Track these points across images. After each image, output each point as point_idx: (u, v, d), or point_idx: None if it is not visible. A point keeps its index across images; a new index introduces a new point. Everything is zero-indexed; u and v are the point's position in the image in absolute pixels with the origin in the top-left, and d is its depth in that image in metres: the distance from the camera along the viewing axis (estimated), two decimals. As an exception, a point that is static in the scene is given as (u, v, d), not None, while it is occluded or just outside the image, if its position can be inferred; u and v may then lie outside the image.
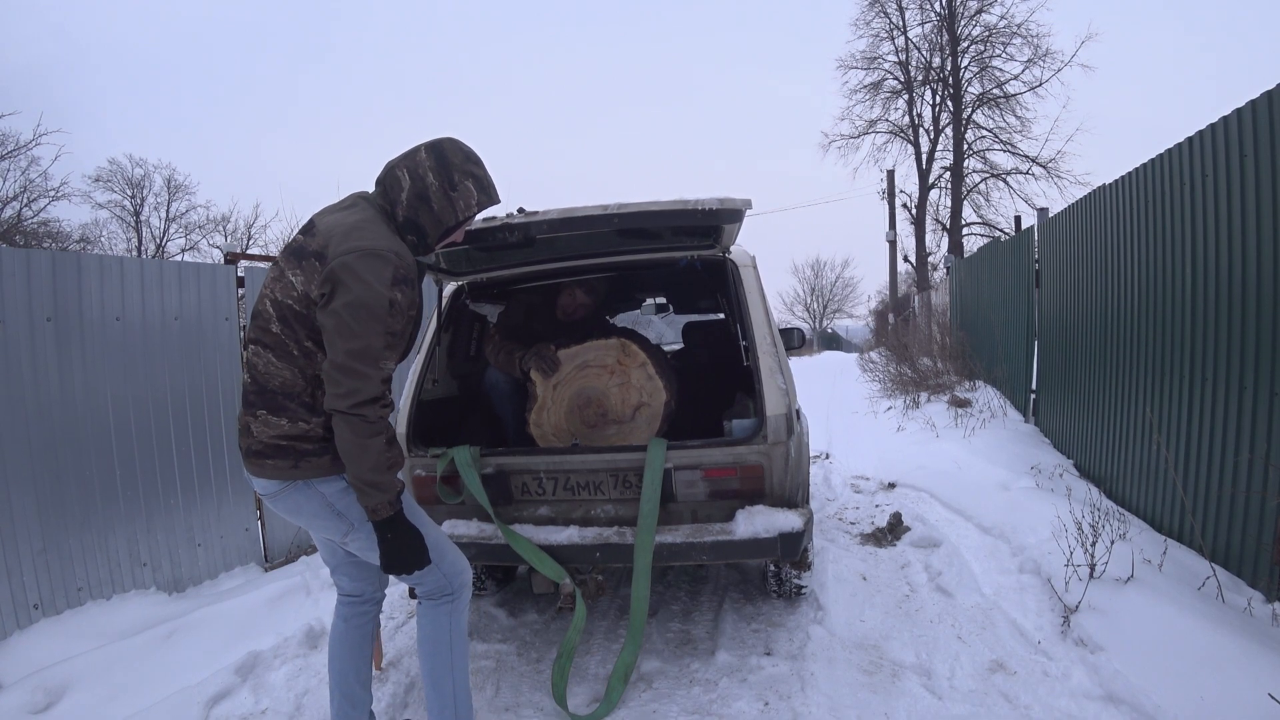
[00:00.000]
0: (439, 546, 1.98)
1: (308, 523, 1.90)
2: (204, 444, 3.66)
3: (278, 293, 1.79)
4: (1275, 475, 2.50)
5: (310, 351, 1.78)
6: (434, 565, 1.93)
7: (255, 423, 1.80)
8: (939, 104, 21.53)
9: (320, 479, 1.80)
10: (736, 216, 2.17)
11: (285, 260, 1.82)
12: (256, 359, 1.81)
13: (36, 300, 2.95)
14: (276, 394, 1.78)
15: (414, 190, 1.82)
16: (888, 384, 9.87)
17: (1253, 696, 1.96)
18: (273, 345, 1.79)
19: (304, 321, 1.76)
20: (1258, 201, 2.60)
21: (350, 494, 1.81)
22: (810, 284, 50.12)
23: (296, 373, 1.78)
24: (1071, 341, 4.82)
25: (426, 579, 1.95)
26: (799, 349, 3.76)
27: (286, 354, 1.78)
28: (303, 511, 1.85)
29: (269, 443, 1.79)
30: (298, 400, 1.78)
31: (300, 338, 1.77)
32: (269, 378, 1.79)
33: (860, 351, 19.90)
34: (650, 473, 2.47)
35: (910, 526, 4.00)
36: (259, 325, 1.81)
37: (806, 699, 2.32)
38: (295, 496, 1.82)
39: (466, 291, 3.19)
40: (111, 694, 2.53)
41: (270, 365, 1.79)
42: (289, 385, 1.78)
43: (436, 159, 1.83)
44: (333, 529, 1.87)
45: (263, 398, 1.79)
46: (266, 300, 1.81)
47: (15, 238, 17.36)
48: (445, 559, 1.99)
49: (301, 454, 1.78)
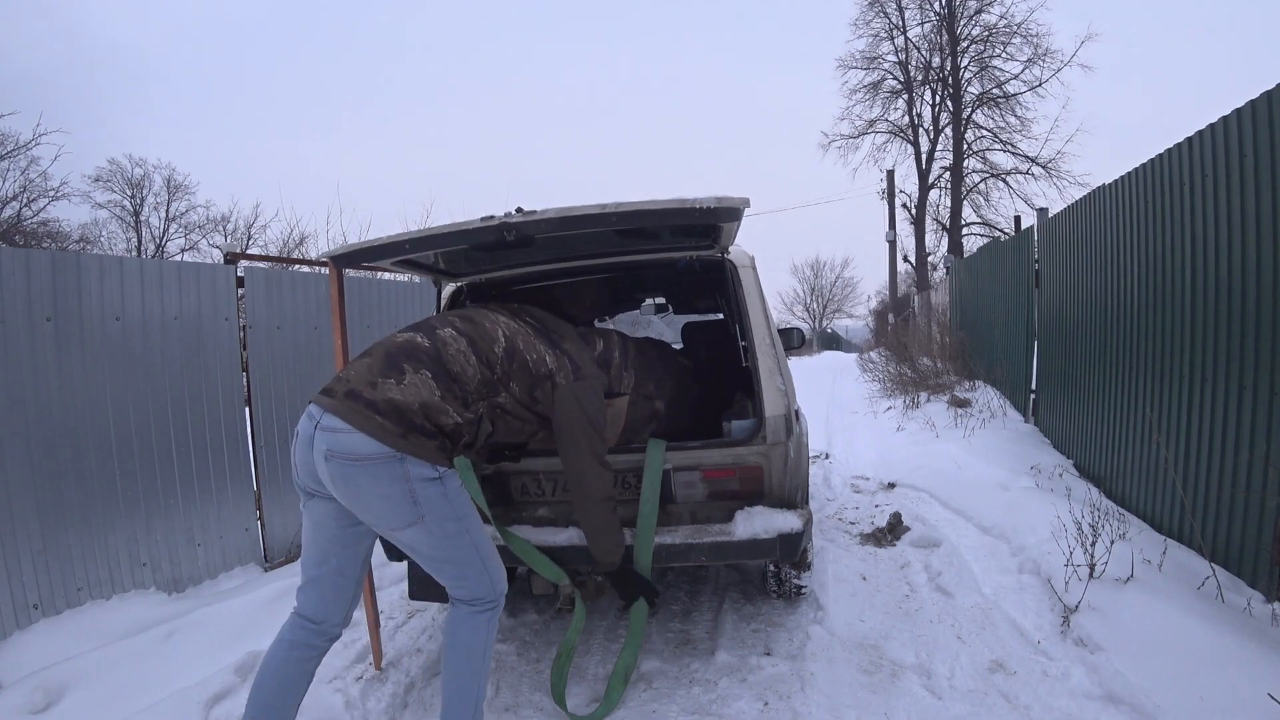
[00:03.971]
0: (489, 551, 1.98)
1: (372, 502, 1.81)
2: (204, 444, 3.66)
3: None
4: (1275, 475, 2.50)
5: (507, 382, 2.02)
6: (483, 566, 1.94)
7: (401, 379, 1.84)
8: (939, 104, 21.53)
9: (415, 460, 1.80)
10: (735, 215, 2.16)
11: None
12: (452, 341, 1.97)
13: (36, 300, 2.95)
14: (450, 375, 1.91)
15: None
16: (887, 384, 9.87)
17: (1253, 696, 1.96)
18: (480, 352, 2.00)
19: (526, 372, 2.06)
20: (1257, 201, 2.60)
21: (433, 486, 1.83)
22: (810, 284, 50.16)
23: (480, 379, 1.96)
24: (1071, 341, 4.82)
25: (473, 583, 1.94)
26: (798, 349, 3.76)
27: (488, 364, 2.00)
28: (376, 487, 1.78)
29: (396, 402, 1.81)
30: (462, 391, 1.91)
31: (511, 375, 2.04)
32: (452, 361, 1.93)
33: (860, 351, 19.89)
34: (650, 474, 2.47)
35: (910, 526, 3.99)
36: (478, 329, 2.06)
37: (806, 699, 2.32)
38: (380, 469, 1.77)
39: (465, 292, 3.19)
40: (111, 694, 2.52)
41: (461, 355, 1.95)
42: (465, 378, 1.93)
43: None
44: (396, 515, 1.81)
45: (435, 366, 1.90)
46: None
47: (15, 238, 17.34)
48: (492, 563, 1.98)
49: (415, 428, 1.81)
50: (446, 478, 1.88)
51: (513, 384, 2.02)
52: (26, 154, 17.66)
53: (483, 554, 1.95)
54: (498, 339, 2.04)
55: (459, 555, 1.91)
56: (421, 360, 1.90)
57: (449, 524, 1.87)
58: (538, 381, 2.08)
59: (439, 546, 1.89)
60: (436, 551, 1.90)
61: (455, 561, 1.92)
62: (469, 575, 1.93)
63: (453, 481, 1.90)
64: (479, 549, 1.94)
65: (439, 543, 1.88)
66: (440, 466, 1.86)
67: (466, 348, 1.97)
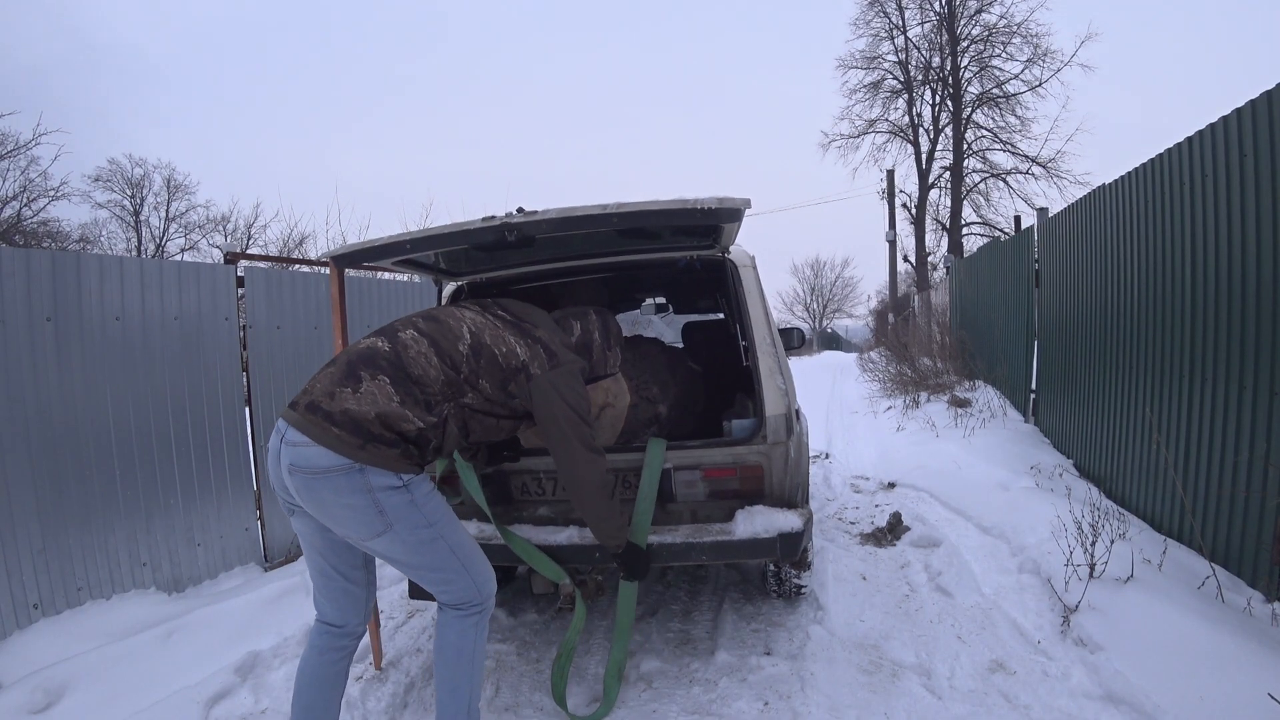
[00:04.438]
0: (470, 554, 1.96)
1: (337, 514, 1.80)
2: (204, 444, 3.66)
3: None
4: (1275, 475, 2.50)
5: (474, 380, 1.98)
6: (464, 570, 1.92)
7: (358, 388, 1.80)
8: (939, 104, 21.51)
9: (376, 470, 1.77)
10: (736, 216, 2.16)
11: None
12: (413, 344, 1.93)
13: (36, 300, 2.95)
14: (410, 379, 1.87)
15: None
16: (887, 384, 9.87)
17: (1253, 696, 1.96)
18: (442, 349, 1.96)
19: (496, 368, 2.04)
20: (1258, 201, 2.60)
21: (397, 494, 1.79)
22: (810, 284, 50.15)
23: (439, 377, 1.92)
24: (1071, 341, 4.82)
25: (457, 587, 1.93)
26: (799, 349, 3.76)
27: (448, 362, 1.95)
28: (339, 498, 1.77)
29: (352, 412, 1.77)
30: (424, 394, 1.87)
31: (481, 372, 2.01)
32: (412, 364, 1.89)
33: (860, 351, 19.89)
34: (648, 472, 2.47)
35: (910, 526, 4.00)
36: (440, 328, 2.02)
37: (806, 699, 2.32)
38: (340, 480, 1.75)
39: (466, 292, 3.19)
40: (111, 694, 2.52)
41: (421, 356, 1.91)
42: (427, 381, 1.89)
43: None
44: (363, 525, 1.80)
45: (394, 370, 1.86)
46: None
47: (15, 237, 17.33)
48: (475, 567, 1.96)
49: (373, 438, 1.77)
50: (413, 485, 1.84)
51: (482, 381, 1.98)
52: (26, 154, 17.67)
53: (462, 557, 1.93)
54: (462, 336, 1.99)
55: (436, 561, 1.90)
56: (380, 366, 1.86)
57: (420, 530, 1.85)
58: (510, 375, 2.02)
59: (413, 554, 1.87)
60: (411, 559, 1.89)
61: (433, 568, 1.91)
62: (451, 580, 1.92)
63: (421, 488, 1.87)
64: (457, 552, 1.92)
65: (412, 550, 1.86)
66: (405, 474, 1.82)
67: (428, 349, 1.93)
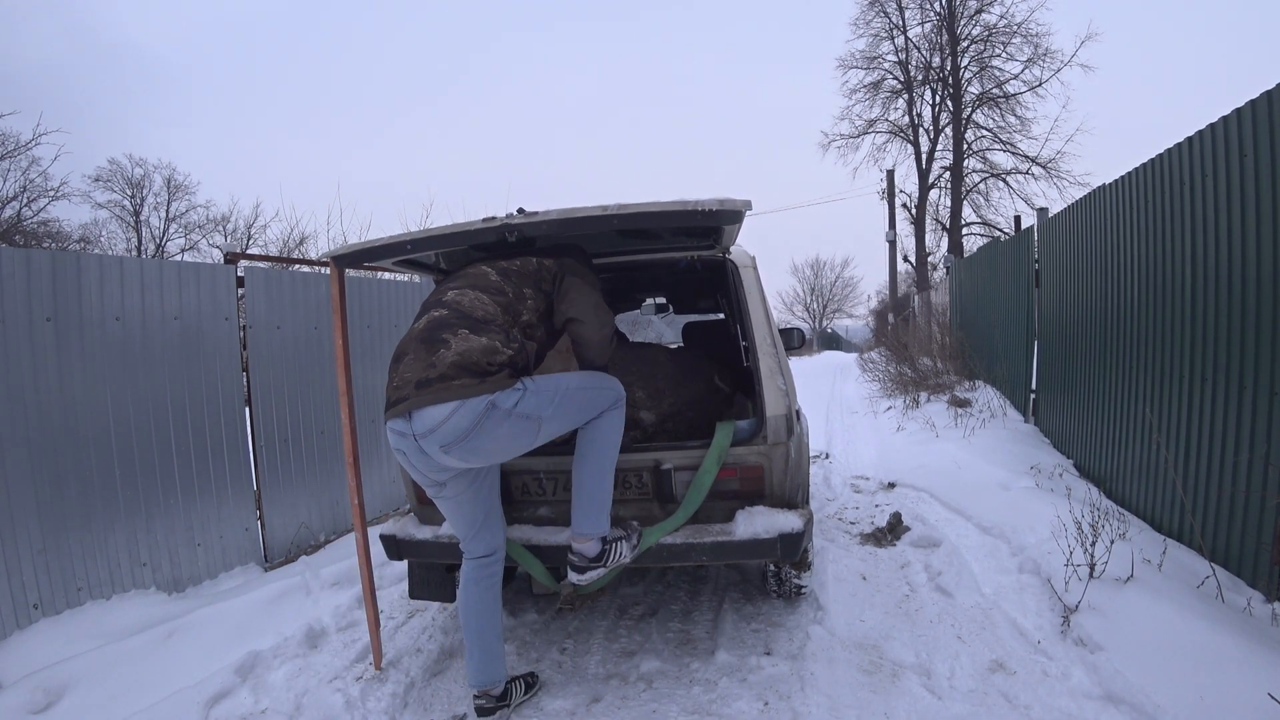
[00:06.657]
0: (591, 379, 2.28)
1: (504, 445, 2.06)
2: (204, 444, 3.66)
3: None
4: (1275, 475, 2.50)
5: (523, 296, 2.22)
6: (599, 389, 2.27)
7: (449, 346, 2.00)
8: (939, 104, 21.50)
9: (502, 393, 1.99)
10: (737, 217, 2.16)
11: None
12: (463, 297, 2.14)
13: (36, 300, 2.96)
14: (480, 322, 2.08)
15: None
16: (887, 384, 9.88)
17: (1253, 696, 1.96)
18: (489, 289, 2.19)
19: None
20: (1258, 201, 2.60)
21: (526, 398, 2.03)
22: (810, 284, 50.15)
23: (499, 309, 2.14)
24: (1071, 341, 4.82)
25: (605, 399, 2.28)
26: (799, 349, 3.76)
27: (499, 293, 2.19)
28: (498, 430, 2.00)
29: (458, 362, 1.98)
30: (498, 327, 2.09)
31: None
32: (473, 309, 2.10)
33: (860, 351, 19.89)
34: (712, 453, 2.53)
35: (910, 526, 4.00)
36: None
37: (806, 699, 2.32)
38: (485, 422, 1.97)
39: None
40: (111, 694, 2.53)
41: (477, 301, 2.13)
42: (490, 317, 2.11)
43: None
44: (526, 437, 2.07)
45: (465, 321, 2.07)
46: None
47: (15, 238, 17.32)
48: (600, 381, 2.30)
49: (484, 372, 1.99)
50: (527, 384, 2.08)
51: (526, 292, 2.21)
52: (27, 154, 17.66)
53: (591, 385, 2.25)
54: (489, 274, 2.23)
55: (583, 404, 2.22)
56: (450, 325, 2.07)
57: (558, 400, 2.12)
58: (538, 278, 2.27)
59: (569, 415, 2.18)
60: (572, 419, 2.21)
61: (584, 408, 2.23)
62: (599, 402, 2.26)
63: (531, 382, 2.10)
64: (585, 387, 2.23)
65: (567, 415, 2.16)
66: (520, 382, 2.05)
67: (476, 295, 2.15)
